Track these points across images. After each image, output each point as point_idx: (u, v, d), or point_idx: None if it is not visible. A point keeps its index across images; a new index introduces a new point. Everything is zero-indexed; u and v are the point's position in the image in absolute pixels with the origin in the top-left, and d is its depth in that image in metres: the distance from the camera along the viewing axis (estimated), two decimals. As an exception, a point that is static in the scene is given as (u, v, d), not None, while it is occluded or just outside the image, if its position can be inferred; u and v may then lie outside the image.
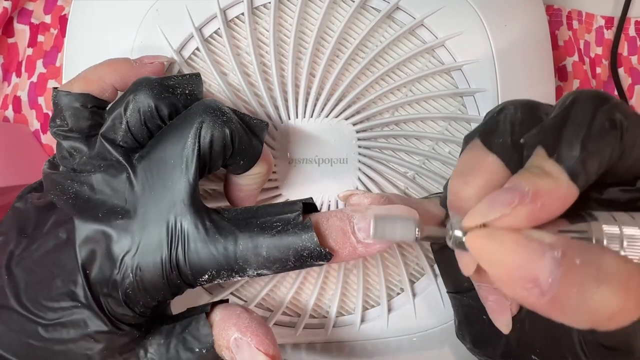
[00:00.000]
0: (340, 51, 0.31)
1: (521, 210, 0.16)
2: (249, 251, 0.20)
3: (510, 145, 0.19)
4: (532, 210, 0.16)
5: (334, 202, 0.30)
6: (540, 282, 0.15)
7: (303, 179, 0.30)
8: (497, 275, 0.16)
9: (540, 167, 0.17)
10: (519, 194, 0.16)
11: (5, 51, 0.39)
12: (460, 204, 0.19)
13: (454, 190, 0.19)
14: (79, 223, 0.21)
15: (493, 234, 0.16)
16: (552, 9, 0.41)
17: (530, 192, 0.16)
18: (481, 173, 0.19)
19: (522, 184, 0.16)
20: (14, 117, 0.39)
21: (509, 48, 0.31)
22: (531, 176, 0.17)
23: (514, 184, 0.16)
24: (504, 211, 0.16)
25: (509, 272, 0.15)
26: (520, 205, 0.16)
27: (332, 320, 0.31)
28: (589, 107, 0.17)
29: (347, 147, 0.30)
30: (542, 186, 0.16)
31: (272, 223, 0.21)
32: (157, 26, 0.29)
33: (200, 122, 0.21)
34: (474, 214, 0.16)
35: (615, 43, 0.40)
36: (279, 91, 0.30)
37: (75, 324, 0.20)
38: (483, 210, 0.16)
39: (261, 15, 0.31)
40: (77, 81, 0.25)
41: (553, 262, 0.15)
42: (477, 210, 0.16)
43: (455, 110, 0.31)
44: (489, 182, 0.18)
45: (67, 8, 0.39)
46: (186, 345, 0.21)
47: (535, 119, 0.19)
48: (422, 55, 0.31)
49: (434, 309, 0.31)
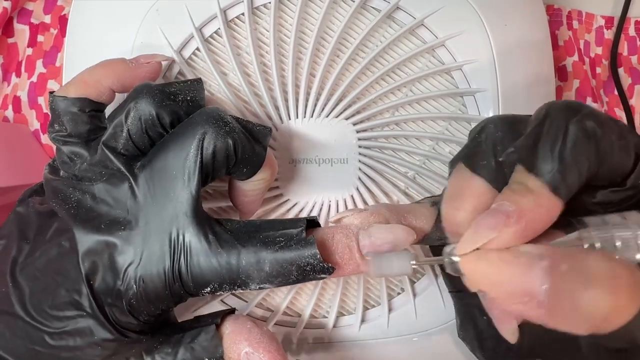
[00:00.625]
0: (341, 51, 0.31)
1: (507, 231, 0.16)
2: (251, 266, 0.20)
3: (494, 165, 0.19)
4: (518, 230, 0.16)
5: (334, 202, 0.30)
6: (535, 293, 0.15)
7: (303, 179, 0.30)
8: (494, 294, 0.16)
9: (523, 183, 0.17)
10: (503, 215, 0.16)
11: (5, 51, 0.39)
12: (454, 229, 0.19)
13: (446, 217, 0.20)
14: (80, 235, 0.21)
15: (483, 255, 0.16)
16: (552, 8, 0.41)
17: (515, 212, 0.16)
18: (469, 197, 0.19)
19: (505, 204, 0.17)
20: (13, 117, 0.39)
21: (509, 48, 0.31)
22: (513, 195, 0.17)
23: (498, 204, 0.17)
24: (491, 235, 0.16)
25: (504, 290, 0.16)
26: (506, 227, 0.16)
27: (332, 320, 0.31)
28: (561, 120, 0.18)
29: (348, 147, 0.30)
30: (525, 204, 0.16)
31: (275, 238, 0.20)
32: (157, 26, 0.29)
33: (202, 132, 0.21)
34: (464, 242, 0.17)
35: (615, 43, 0.40)
36: (279, 91, 0.30)
37: (81, 333, 0.20)
38: (471, 237, 0.17)
39: (261, 15, 0.31)
40: (74, 85, 0.24)
41: (542, 272, 0.15)
42: (466, 238, 0.17)
43: (456, 110, 0.31)
44: (477, 204, 0.19)
45: (67, 8, 0.39)
46: (194, 355, 0.21)
47: (516, 135, 0.19)
48: (423, 55, 0.31)
49: (434, 309, 0.31)
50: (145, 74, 0.26)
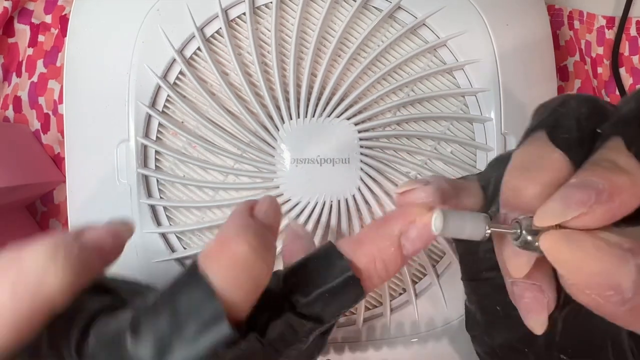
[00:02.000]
0: (342, 51, 0.31)
1: (598, 209, 0.14)
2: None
3: (576, 141, 0.17)
4: (610, 210, 0.14)
5: (336, 202, 0.30)
6: (623, 290, 0.14)
7: (305, 178, 0.30)
8: (573, 279, 0.15)
9: (613, 161, 0.15)
10: (595, 191, 0.14)
11: (5, 51, 0.39)
12: (522, 202, 0.17)
13: (514, 187, 0.17)
14: None
15: (571, 236, 0.15)
16: (554, 9, 0.41)
17: (607, 189, 0.14)
18: (547, 170, 0.17)
19: (595, 180, 0.15)
20: (14, 117, 0.39)
21: (510, 48, 0.31)
22: (605, 171, 0.15)
23: (584, 180, 0.15)
24: (581, 210, 0.14)
25: (588, 278, 0.14)
26: (597, 205, 0.14)
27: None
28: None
29: (349, 147, 0.30)
30: (619, 183, 0.15)
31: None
32: (159, 26, 0.29)
33: None
34: (546, 213, 0.15)
35: (617, 43, 0.40)
36: (280, 91, 0.30)
37: None
38: (557, 209, 0.15)
39: (263, 15, 0.31)
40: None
41: (636, 269, 0.14)
42: (549, 209, 0.15)
43: (457, 110, 0.31)
44: (555, 180, 0.17)
45: (67, 8, 0.39)
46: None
47: (602, 115, 0.18)
48: (424, 54, 0.31)
49: (436, 310, 0.31)
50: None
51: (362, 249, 0.18)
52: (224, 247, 0.15)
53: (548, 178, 0.17)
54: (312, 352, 0.19)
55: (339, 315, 0.18)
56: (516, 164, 0.18)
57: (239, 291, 0.15)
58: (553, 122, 0.18)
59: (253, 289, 0.16)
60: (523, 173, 0.17)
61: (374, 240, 0.18)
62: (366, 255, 0.18)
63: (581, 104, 0.18)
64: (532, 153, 0.18)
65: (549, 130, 0.18)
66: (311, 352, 0.19)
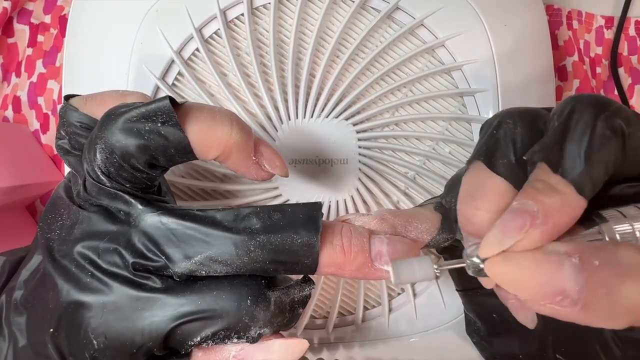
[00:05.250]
0: (340, 51, 0.31)
1: (534, 233, 0.15)
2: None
3: (513, 163, 0.19)
4: (546, 230, 0.16)
5: (334, 202, 0.30)
6: (568, 292, 0.15)
7: (303, 179, 0.30)
8: (524, 295, 0.15)
9: (545, 181, 0.17)
10: (529, 216, 0.16)
11: (5, 51, 0.39)
12: (475, 229, 0.19)
13: (465, 216, 0.19)
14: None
15: (510, 257, 0.16)
16: (552, 8, 0.41)
17: (540, 212, 0.16)
18: (490, 196, 0.18)
19: (530, 203, 0.16)
20: (13, 117, 0.39)
21: (509, 48, 0.31)
22: (537, 194, 0.16)
23: (521, 203, 0.16)
24: (517, 237, 0.15)
25: (535, 291, 0.15)
26: (533, 228, 0.15)
27: (332, 320, 0.31)
28: (588, 117, 0.17)
29: (348, 147, 0.30)
30: (550, 205, 0.16)
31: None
32: (157, 27, 0.29)
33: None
34: (489, 243, 0.16)
35: (615, 43, 0.40)
36: (279, 92, 0.30)
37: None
38: (497, 239, 0.16)
39: (261, 15, 0.31)
40: (93, 100, 0.22)
41: (574, 269, 0.15)
42: (491, 239, 0.16)
43: (456, 110, 0.31)
44: (500, 205, 0.18)
45: (66, 8, 0.39)
46: None
47: (535, 131, 0.19)
48: (422, 55, 0.31)
49: (434, 310, 0.31)
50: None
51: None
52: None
53: (493, 204, 0.18)
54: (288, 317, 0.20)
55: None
56: (463, 193, 0.19)
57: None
58: (489, 149, 0.19)
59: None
60: (470, 202, 0.19)
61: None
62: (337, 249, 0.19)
63: (516, 124, 0.19)
64: (475, 182, 0.19)
65: (486, 159, 0.19)
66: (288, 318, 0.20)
